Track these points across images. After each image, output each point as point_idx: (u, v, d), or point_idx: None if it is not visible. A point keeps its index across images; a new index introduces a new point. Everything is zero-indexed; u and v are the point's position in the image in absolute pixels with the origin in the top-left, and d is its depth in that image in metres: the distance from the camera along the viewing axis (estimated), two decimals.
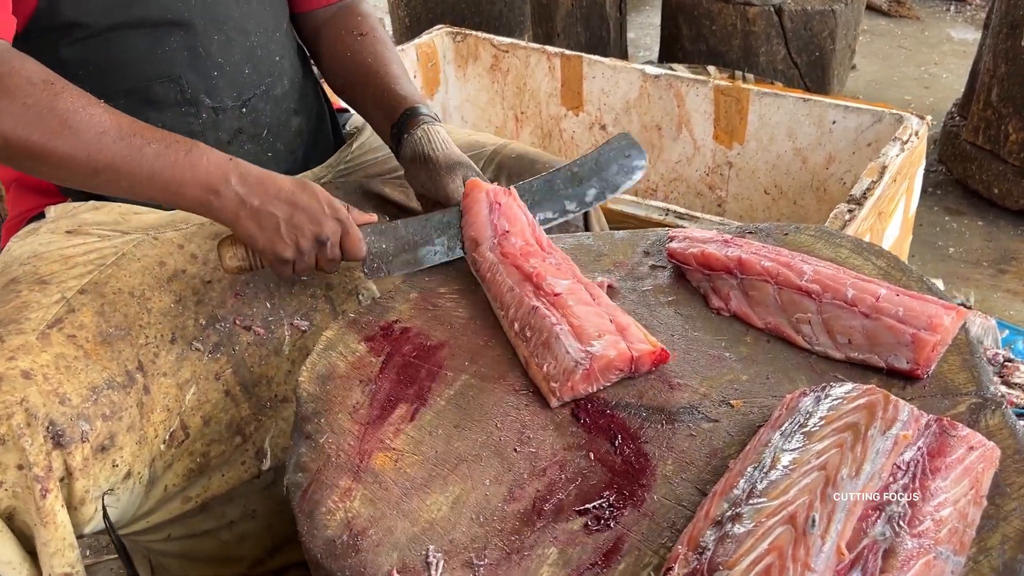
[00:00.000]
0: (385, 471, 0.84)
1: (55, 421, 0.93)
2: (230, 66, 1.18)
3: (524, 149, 1.36)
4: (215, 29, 1.16)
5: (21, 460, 0.91)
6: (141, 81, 1.13)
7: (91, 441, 0.95)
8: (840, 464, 0.72)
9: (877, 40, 3.97)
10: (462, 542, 0.77)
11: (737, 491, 0.73)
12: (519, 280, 1.00)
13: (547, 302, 0.96)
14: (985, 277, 2.26)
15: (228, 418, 1.11)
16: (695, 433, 0.86)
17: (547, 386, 0.90)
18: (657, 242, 1.15)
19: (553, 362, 0.90)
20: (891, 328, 0.91)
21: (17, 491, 0.92)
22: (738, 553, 0.67)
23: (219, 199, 1.00)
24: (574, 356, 0.89)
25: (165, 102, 1.15)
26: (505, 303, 0.99)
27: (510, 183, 1.30)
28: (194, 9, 1.14)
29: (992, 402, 0.86)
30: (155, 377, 1.05)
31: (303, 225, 1.02)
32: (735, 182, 2.08)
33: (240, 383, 1.11)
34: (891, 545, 0.69)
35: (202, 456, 1.09)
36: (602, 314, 0.95)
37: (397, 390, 0.94)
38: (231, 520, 1.15)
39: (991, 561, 0.71)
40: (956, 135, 2.67)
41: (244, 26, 1.19)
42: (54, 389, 0.95)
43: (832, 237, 1.12)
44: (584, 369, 0.88)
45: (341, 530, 0.78)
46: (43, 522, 0.93)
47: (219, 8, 1.16)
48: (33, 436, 0.92)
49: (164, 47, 1.13)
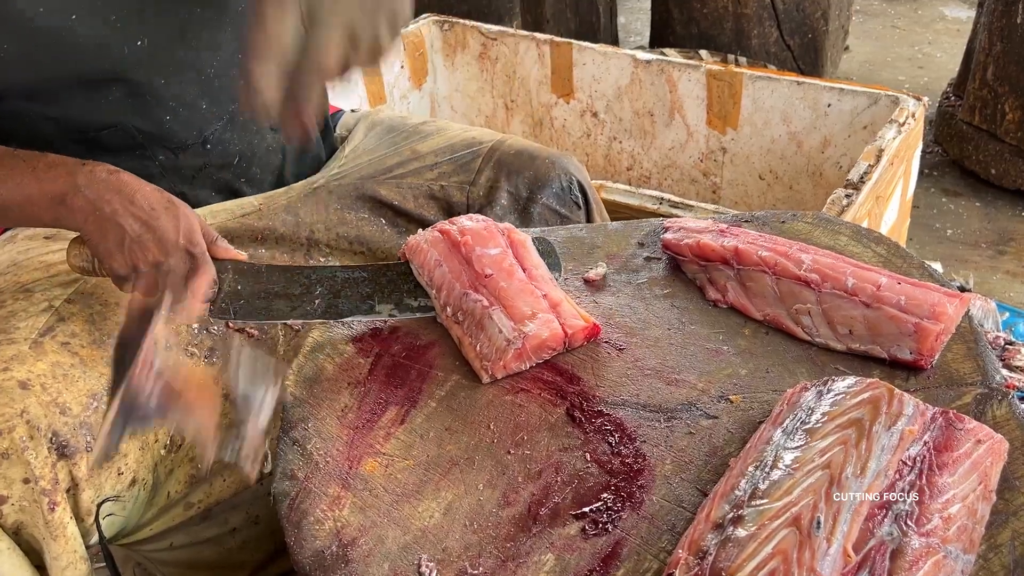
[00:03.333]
0: (375, 477, 0.81)
1: (58, 432, 0.91)
2: (183, 107, 1.10)
3: (522, 145, 1.32)
4: (159, 75, 1.07)
5: (27, 474, 0.89)
6: (88, 131, 1.06)
7: (95, 450, 0.93)
8: (844, 462, 0.70)
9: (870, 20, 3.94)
10: (456, 550, 0.74)
11: (739, 492, 0.70)
12: (449, 258, 0.98)
13: (479, 283, 0.95)
14: (984, 259, 2.24)
15: (228, 422, 1.08)
16: (694, 431, 0.83)
17: (479, 364, 0.91)
18: (651, 233, 1.12)
19: (487, 342, 0.91)
20: (893, 318, 0.88)
21: (24, 505, 0.90)
22: (741, 558, 0.64)
23: (66, 208, 0.93)
24: (507, 335, 0.89)
25: (118, 148, 1.09)
26: (436, 284, 0.98)
27: (509, 181, 1.27)
28: (130, 62, 1.04)
29: (998, 392, 0.84)
30: None
31: (147, 248, 0.94)
32: (729, 168, 2.05)
33: None
34: (899, 545, 0.66)
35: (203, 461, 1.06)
36: (534, 291, 0.94)
37: (387, 392, 0.91)
38: (234, 527, 1.13)
39: (1001, 558, 0.69)
40: (952, 115, 2.64)
41: (195, 64, 1.09)
42: (53, 399, 0.92)
43: (830, 224, 1.09)
44: (516, 349, 0.89)
45: (330, 540, 0.76)
46: (52, 536, 0.90)
47: (162, 55, 1.06)
48: (37, 449, 0.89)
49: (105, 98, 1.05)
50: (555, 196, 1.27)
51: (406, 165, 1.29)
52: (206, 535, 1.12)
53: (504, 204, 1.26)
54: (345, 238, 1.26)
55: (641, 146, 2.17)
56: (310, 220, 1.24)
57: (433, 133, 1.34)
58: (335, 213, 1.26)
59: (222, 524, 1.12)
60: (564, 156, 1.30)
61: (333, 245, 1.26)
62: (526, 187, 1.26)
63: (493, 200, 1.26)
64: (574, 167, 1.30)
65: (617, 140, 2.20)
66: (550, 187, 1.27)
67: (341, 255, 1.26)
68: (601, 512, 0.76)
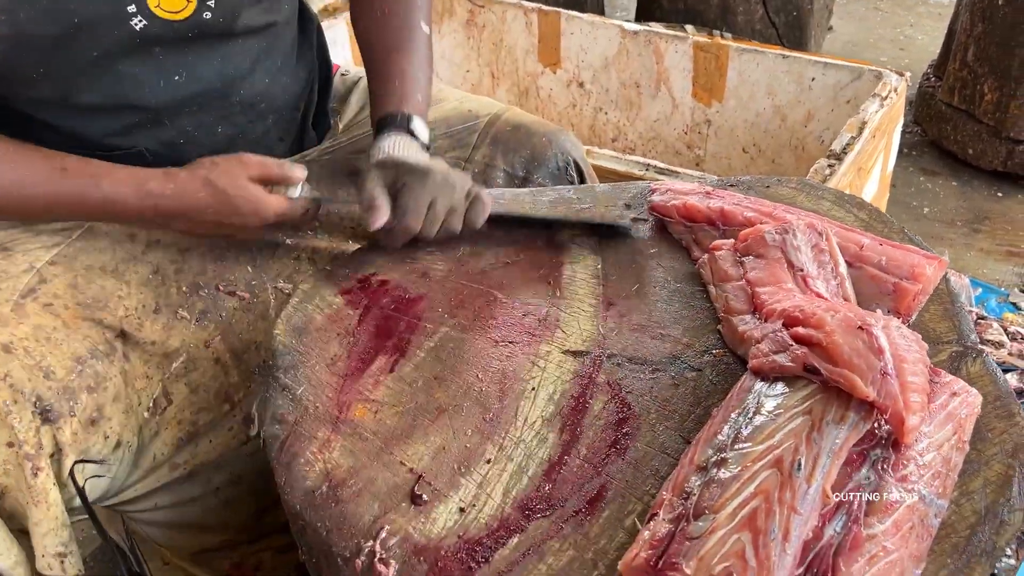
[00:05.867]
0: (365, 422, 0.82)
1: (42, 396, 0.91)
2: (200, 131, 1.10)
3: (519, 119, 1.30)
4: (186, 105, 1.07)
5: (11, 438, 0.89)
6: (102, 151, 1.04)
7: (79, 415, 0.93)
8: (824, 409, 0.71)
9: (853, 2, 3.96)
10: (446, 491, 0.75)
11: (721, 437, 0.72)
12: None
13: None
14: (959, 236, 2.28)
15: (217, 386, 1.08)
16: (678, 383, 0.85)
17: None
18: (638, 195, 1.13)
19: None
20: (873, 277, 0.90)
21: (8, 469, 0.90)
22: (724, 497, 0.66)
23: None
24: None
25: (126, 163, 1.07)
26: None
27: (506, 159, 1.26)
28: (161, 95, 1.03)
29: (973, 350, 0.86)
30: (137, 345, 1.02)
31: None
32: (713, 140, 2.07)
33: (230, 350, 1.09)
34: (875, 488, 0.69)
35: (191, 424, 1.07)
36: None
37: (376, 342, 0.92)
38: (217, 487, 1.14)
39: (973, 504, 0.71)
40: (932, 96, 2.67)
41: (224, 91, 1.09)
42: (37, 363, 0.92)
43: (814, 190, 1.11)
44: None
45: (320, 481, 0.77)
46: (35, 501, 0.90)
47: (195, 85, 1.05)
48: (21, 413, 0.89)
49: (123, 123, 1.05)
50: (550, 175, 1.27)
51: None
52: (190, 495, 1.12)
53: (500, 183, 1.26)
54: (336, 211, 1.25)
55: (627, 117, 2.18)
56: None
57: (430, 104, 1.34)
58: (326, 187, 1.25)
59: (205, 484, 1.13)
60: (561, 133, 1.29)
61: (322, 220, 1.26)
62: (522, 166, 1.26)
63: (489, 178, 1.25)
64: (571, 144, 1.29)
65: (603, 111, 2.21)
66: (546, 166, 1.26)
67: (330, 227, 1.26)
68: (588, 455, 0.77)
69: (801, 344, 0.76)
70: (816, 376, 0.73)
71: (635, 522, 0.72)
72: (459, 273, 1.01)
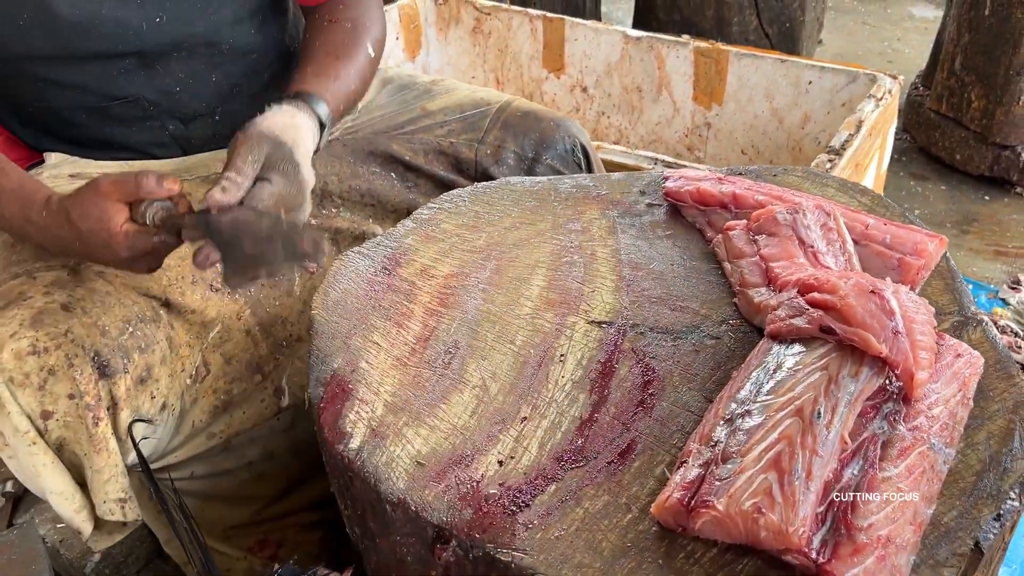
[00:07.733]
0: (404, 386, 0.87)
1: (99, 352, 0.95)
2: (194, 79, 1.13)
3: (528, 107, 1.36)
4: (173, 48, 1.09)
5: (72, 390, 0.93)
6: (99, 102, 1.09)
7: (131, 373, 0.97)
8: (840, 365, 0.77)
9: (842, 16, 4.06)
10: (485, 447, 0.80)
11: (744, 392, 0.77)
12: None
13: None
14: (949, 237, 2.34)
15: (248, 357, 1.13)
16: (699, 349, 0.90)
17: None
18: (652, 182, 1.19)
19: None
20: (879, 254, 0.96)
21: (68, 420, 0.94)
22: (750, 442, 0.71)
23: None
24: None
25: (128, 119, 1.12)
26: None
27: (516, 141, 1.32)
28: (147, 36, 1.06)
29: (973, 320, 0.92)
30: (181, 314, 1.07)
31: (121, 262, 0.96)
32: (713, 143, 2.13)
33: (259, 323, 1.13)
34: (889, 437, 0.74)
35: (225, 394, 1.11)
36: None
37: (411, 314, 0.97)
38: (250, 460, 1.18)
39: (978, 454, 0.77)
40: (920, 104, 2.75)
41: (210, 38, 1.11)
42: (94, 321, 0.96)
43: (819, 178, 1.17)
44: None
45: (362, 439, 0.81)
46: (96, 450, 0.95)
47: (178, 30, 1.07)
48: (82, 366, 0.93)
49: (119, 69, 1.07)
50: (559, 157, 1.33)
51: (417, 122, 1.34)
52: (224, 466, 1.17)
53: (511, 164, 1.32)
54: (357, 190, 1.30)
55: (629, 121, 2.24)
56: (324, 172, 1.28)
57: (443, 92, 1.39)
58: (348, 166, 1.30)
59: (239, 457, 1.17)
60: (567, 119, 1.36)
61: (345, 197, 1.30)
62: (531, 148, 1.32)
63: (500, 159, 1.31)
64: (576, 129, 1.36)
65: (605, 115, 2.27)
66: (554, 148, 1.32)
67: (352, 207, 1.31)
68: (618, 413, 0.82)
69: (816, 308, 0.81)
70: (831, 336, 0.78)
71: (664, 471, 0.77)
72: (488, 248, 1.06)
